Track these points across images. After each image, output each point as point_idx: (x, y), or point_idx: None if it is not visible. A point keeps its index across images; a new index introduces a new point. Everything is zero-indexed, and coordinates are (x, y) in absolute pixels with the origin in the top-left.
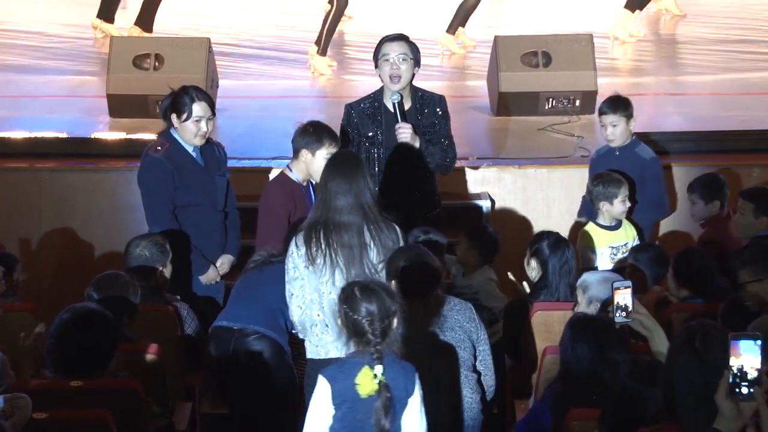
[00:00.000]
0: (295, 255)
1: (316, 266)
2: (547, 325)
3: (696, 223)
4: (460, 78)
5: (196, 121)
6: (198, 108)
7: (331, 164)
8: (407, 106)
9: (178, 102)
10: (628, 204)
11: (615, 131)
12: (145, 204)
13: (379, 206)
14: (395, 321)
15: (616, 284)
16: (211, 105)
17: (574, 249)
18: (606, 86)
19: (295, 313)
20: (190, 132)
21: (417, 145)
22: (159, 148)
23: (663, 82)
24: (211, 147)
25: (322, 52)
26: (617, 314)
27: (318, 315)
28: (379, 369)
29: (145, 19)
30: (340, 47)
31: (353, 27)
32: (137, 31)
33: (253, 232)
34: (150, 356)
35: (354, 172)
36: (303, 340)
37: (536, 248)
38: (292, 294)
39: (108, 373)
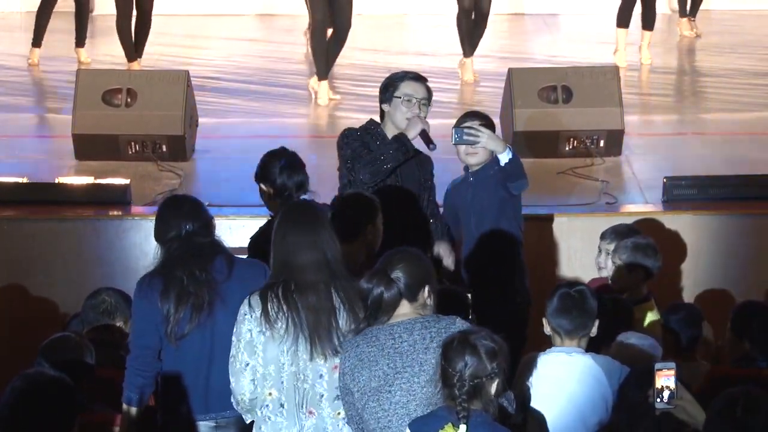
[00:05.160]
0: (249, 317)
1: (275, 330)
2: None
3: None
4: None
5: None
6: (285, 176)
7: (288, 216)
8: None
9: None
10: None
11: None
12: None
13: (345, 264)
14: (493, 385)
15: (658, 366)
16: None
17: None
18: (634, 125)
19: (247, 390)
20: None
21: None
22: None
23: (698, 120)
24: None
25: (319, 75)
26: (658, 399)
27: (270, 393)
28: (462, 429)
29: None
30: (338, 81)
31: (351, 60)
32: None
33: None
34: (117, 430)
35: (316, 224)
36: None
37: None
38: (247, 364)
39: None
